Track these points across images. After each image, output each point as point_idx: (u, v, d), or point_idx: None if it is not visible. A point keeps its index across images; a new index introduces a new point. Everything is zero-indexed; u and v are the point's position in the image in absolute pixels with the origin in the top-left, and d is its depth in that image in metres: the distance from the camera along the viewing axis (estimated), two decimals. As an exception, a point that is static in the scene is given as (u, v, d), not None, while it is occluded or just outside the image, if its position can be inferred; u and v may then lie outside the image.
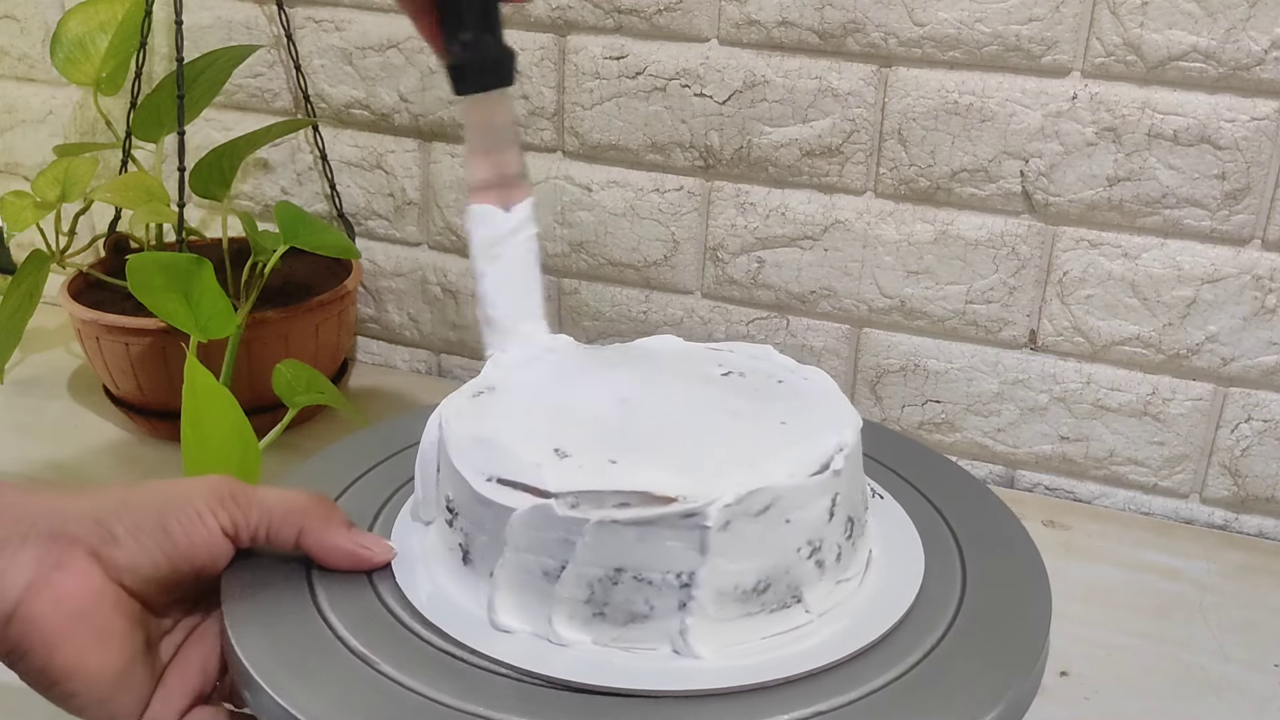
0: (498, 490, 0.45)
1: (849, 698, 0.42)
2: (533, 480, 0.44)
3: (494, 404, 0.51)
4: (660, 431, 0.48)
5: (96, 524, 0.42)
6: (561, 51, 0.83)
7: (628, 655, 0.44)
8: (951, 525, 0.54)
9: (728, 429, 0.48)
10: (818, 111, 0.78)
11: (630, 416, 0.49)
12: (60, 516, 0.42)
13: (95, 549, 0.42)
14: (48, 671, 0.42)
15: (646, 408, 0.50)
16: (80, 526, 0.42)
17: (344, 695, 0.42)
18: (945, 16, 0.73)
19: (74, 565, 0.42)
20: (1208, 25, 0.69)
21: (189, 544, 0.44)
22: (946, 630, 0.47)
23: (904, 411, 0.83)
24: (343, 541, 0.47)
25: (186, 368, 0.66)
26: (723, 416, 0.49)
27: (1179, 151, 0.71)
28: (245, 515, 0.45)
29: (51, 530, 0.42)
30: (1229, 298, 0.73)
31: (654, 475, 0.43)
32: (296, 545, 0.47)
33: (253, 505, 0.46)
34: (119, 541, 0.42)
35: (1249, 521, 0.78)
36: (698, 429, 0.48)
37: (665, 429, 0.48)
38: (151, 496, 0.44)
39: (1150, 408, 0.77)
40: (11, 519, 0.42)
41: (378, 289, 0.96)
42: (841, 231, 0.80)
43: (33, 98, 1.02)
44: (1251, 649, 0.64)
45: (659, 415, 0.49)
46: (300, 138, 0.94)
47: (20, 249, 1.02)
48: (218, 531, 0.45)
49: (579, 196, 0.86)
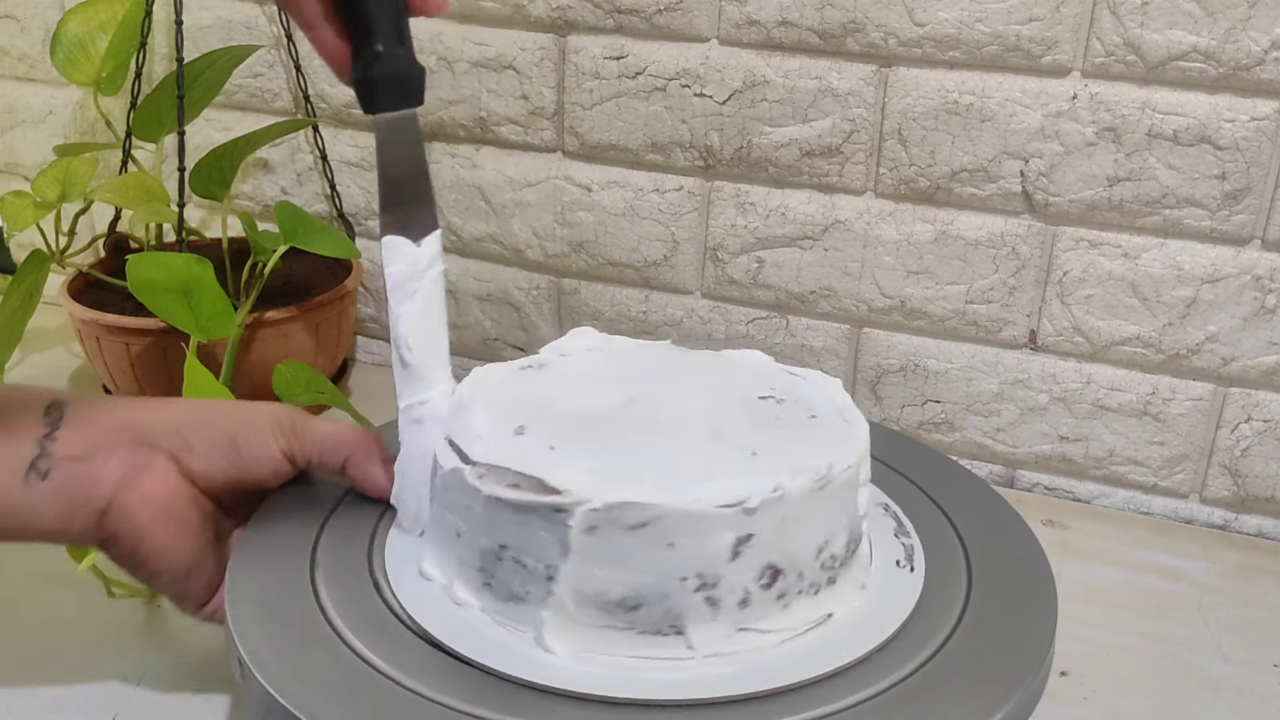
0: (444, 449, 0.48)
1: (852, 701, 0.42)
2: (465, 446, 0.47)
3: (524, 379, 0.54)
4: (633, 436, 0.48)
5: (176, 434, 0.50)
6: (561, 51, 0.83)
7: (501, 631, 0.46)
8: (956, 525, 0.54)
9: (701, 448, 0.47)
10: (818, 111, 0.78)
11: (622, 416, 0.50)
12: (145, 428, 0.50)
13: (174, 455, 0.50)
14: (136, 555, 0.49)
15: (644, 412, 0.50)
16: (162, 436, 0.50)
17: (330, 682, 0.43)
18: (945, 16, 0.73)
19: (157, 468, 0.49)
20: (1208, 25, 0.69)
21: (254, 461, 0.51)
22: (952, 632, 0.47)
23: (904, 411, 0.83)
24: (379, 475, 0.53)
25: (186, 368, 0.66)
26: (705, 436, 0.48)
27: (1179, 151, 0.71)
28: (301, 444, 0.52)
29: (137, 439, 0.49)
30: (1229, 298, 0.73)
31: (564, 468, 0.44)
32: (342, 472, 0.53)
33: (308, 436, 0.52)
34: (194, 451, 0.50)
35: (1249, 521, 0.78)
36: (672, 442, 0.48)
37: (642, 435, 0.48)
38: (225, 416, 0.52)
39: (1150, 408, 0.77)
40: (104, 430, 0.49)
41: (378, 289, 0.96)
42: (841, 231, 0.80)
43: (33, 98, 1.02)
44: (1251, 649, 0.64)
45: (649, 421, 0.49)
46: (300, 138, 0.94)
47: (20, 249, 1.02)
48: (279, 454, 0.52)
49: (579, 196, 0.86)
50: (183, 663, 0.59)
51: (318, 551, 0.51)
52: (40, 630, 0.61)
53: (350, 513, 0.54)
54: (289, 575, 0.49)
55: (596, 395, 0.51)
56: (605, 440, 0.48)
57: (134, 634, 0.61)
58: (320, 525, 0.53)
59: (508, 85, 0.85)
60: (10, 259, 1.04)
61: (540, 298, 0.91)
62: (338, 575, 0.49)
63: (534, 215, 0.88)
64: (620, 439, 0.48)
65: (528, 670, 0.43)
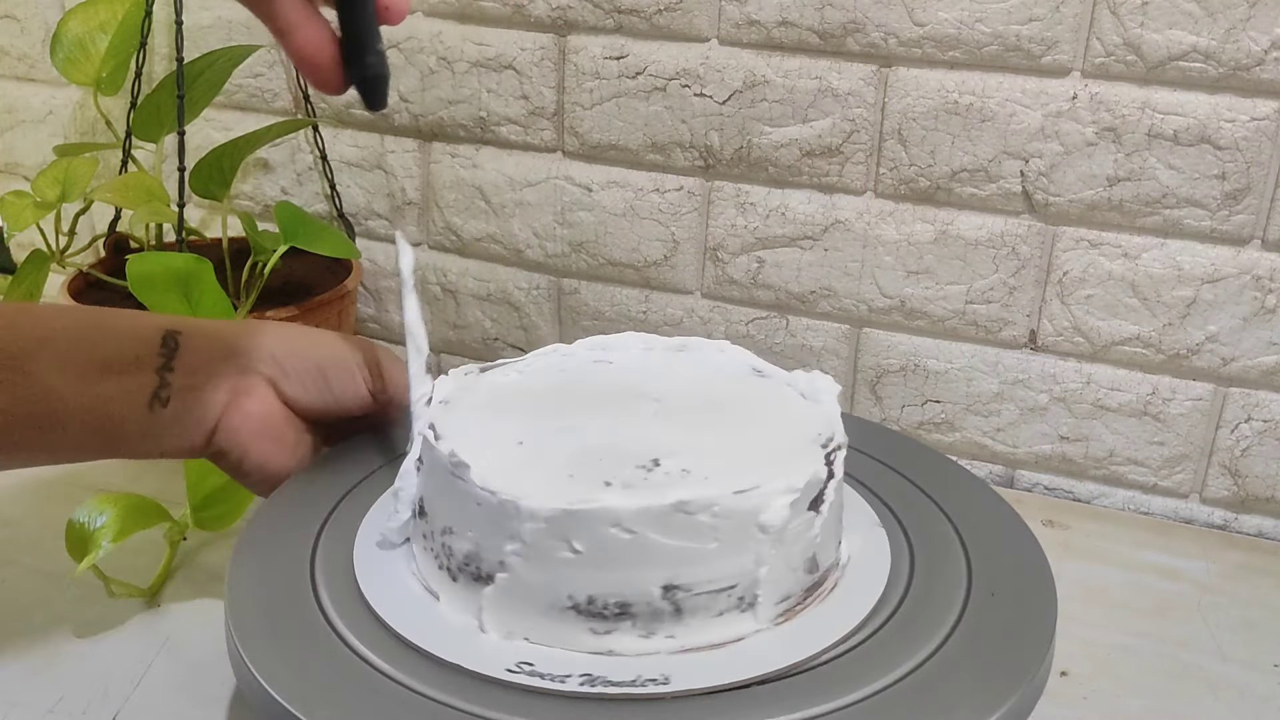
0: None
1: (852, 698, 0.42)
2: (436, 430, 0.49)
3: (581, 367, 0.56)
4: (641, 434, 0.50)
5: (274, 361, 0.56)
6: (561, 51, 0.83)
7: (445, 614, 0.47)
8: (956, 525, 0.54)
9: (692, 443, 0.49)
10: (818, 111, 0.78)
11: (648, 419, 0.51)
12: (248, 355, 0.55)
13: (273, 380, 0.56)
14: (242, 467, 0.56)
15: (672, 418, 0.52)
16: (261, 363, 0.55)
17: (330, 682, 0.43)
18: (945, 16, 0.73)
19: (258, 393, 0.55)
20: (1208, 25, 0.69)
21: (342, 394, 0.57)
22: (951, 632, 0.47)
23: (904, 411, 0.83)
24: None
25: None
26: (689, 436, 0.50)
27: (1179, 151, 0.71)
28: (381, 385, 0.58)
29: (240, 366, 0.55)
30: (1229, 298, 0.73)
31: (492, 451, 0.47)
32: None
33: (389, 380, 0.58)
34: (290, 378, 0.56)
35: (1249, 521, 0.78)
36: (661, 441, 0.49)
37: (645, 436, 0.50)
38: (318, 348, 0.57)
39: (1150, 408, 0.77)
40: (214, 359, 0.55)
41: (378, 289, 0.96)
42: (841, 231, 0.80)
43: (33, 98, 1.02)
44: (1251, 649, 0.64)
45: (663, 425, 0.51)
46: (300, 138, 0.94)
47: (20, 249, 1.02)
48: (364, 391, 0.57)
49: (579, 196, 0.86)
50: (183, 663, 0.59)
51: (318, 551, 0.51)
52: (40, 630, 0.61)
53: (350, 512, 0.54)
54: (289, 575, 0.49)
55: (631, 399, 0.53)
56: (603, 439, 0.49)
57: (134, 634, 0.61)
58: (320, 525, 0.53)
59: (508, 85, 0.85)
60: (10, 259, 1.04)
61: (540, 298, 0.91)
62: (337, 576, 0.49)
63: (534, 215, 0.88)
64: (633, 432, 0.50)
65: (466, 656, 0.44)
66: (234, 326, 0.57)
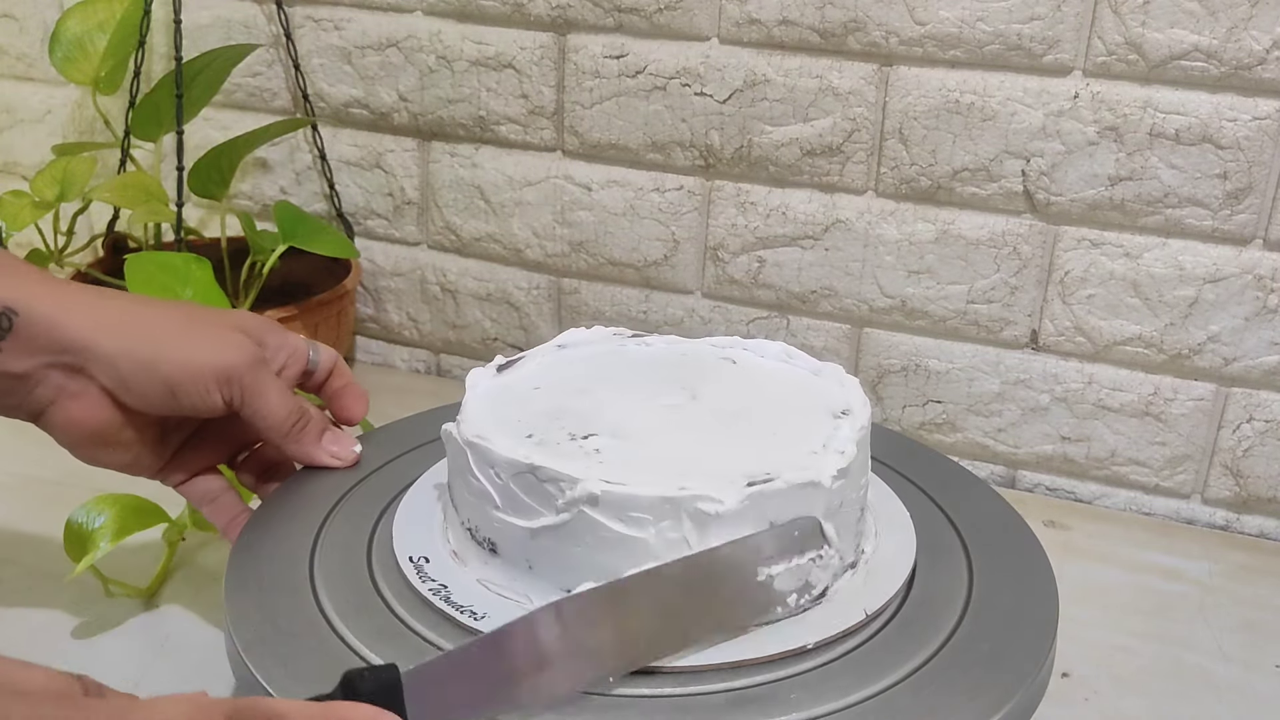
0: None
1: (852, 699, 0.42)
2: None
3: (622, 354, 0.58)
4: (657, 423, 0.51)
5: (113, 370, 0.52)
6: (561, 50, 0.83)
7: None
8: (957, 526, 0.54)
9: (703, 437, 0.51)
10: (818, 110, 0.78)
11: (678, 409, 0.53)
12: (85, 355, 0.52)
13: (110, 390, 0.52)
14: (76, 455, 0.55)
15: (704, 403, 0.54)
16: (99, 370, 0.52)
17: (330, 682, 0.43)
18: (946, 15, 0.73)
19: (87, 398, 0.52)
20: (1209, 24, 0.68)
21: (191, 408, 0.53)
22: (952, 633, 0.46)
23: (905, 412, 0.83)
24: (317, 454, 0.57)
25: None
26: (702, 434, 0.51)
27: (1181, 151, 0.71)
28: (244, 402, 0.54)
29: (74, 366, 0.52)
30: (1231, 297, 0.73)
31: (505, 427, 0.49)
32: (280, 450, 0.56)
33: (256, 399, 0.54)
34: (130, 391, 0.52)
35: (1250, 522, 0.78)
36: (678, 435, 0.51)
37: (657, 427, 0.51)
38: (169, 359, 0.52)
39: (1152, 408, 0.77)
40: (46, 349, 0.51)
41: (377, 288, 0.96)
42: (842, 231, 0.80)
43: (31, 97, 1.02)
44: (1252, 649, 0.64)
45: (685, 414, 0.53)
46: (299, 137, 0.94)
47: (19, 248, 1.01)
48: (219, 405, 0.54)
49: (579, 196, 0.86)
50: (183, 663, 0.59)
51: (317, 551, 0.51)
52: (39, 630, 0.61)
53: (350, 512, 0.54)
54: (288, 575, 0.49)
55: (671, 385, 0.55)
56: (618, 418, 0.51)
57: (134, 634, 0.61)
58: (320, 525, 0.52)
59: (507, 84, 0.85)
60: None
61: (540, 297, 0.90)
62: (338, 575, 0.49)
63: (534, 215, 0.88)
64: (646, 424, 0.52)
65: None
66: (79, 312, 0.52)
